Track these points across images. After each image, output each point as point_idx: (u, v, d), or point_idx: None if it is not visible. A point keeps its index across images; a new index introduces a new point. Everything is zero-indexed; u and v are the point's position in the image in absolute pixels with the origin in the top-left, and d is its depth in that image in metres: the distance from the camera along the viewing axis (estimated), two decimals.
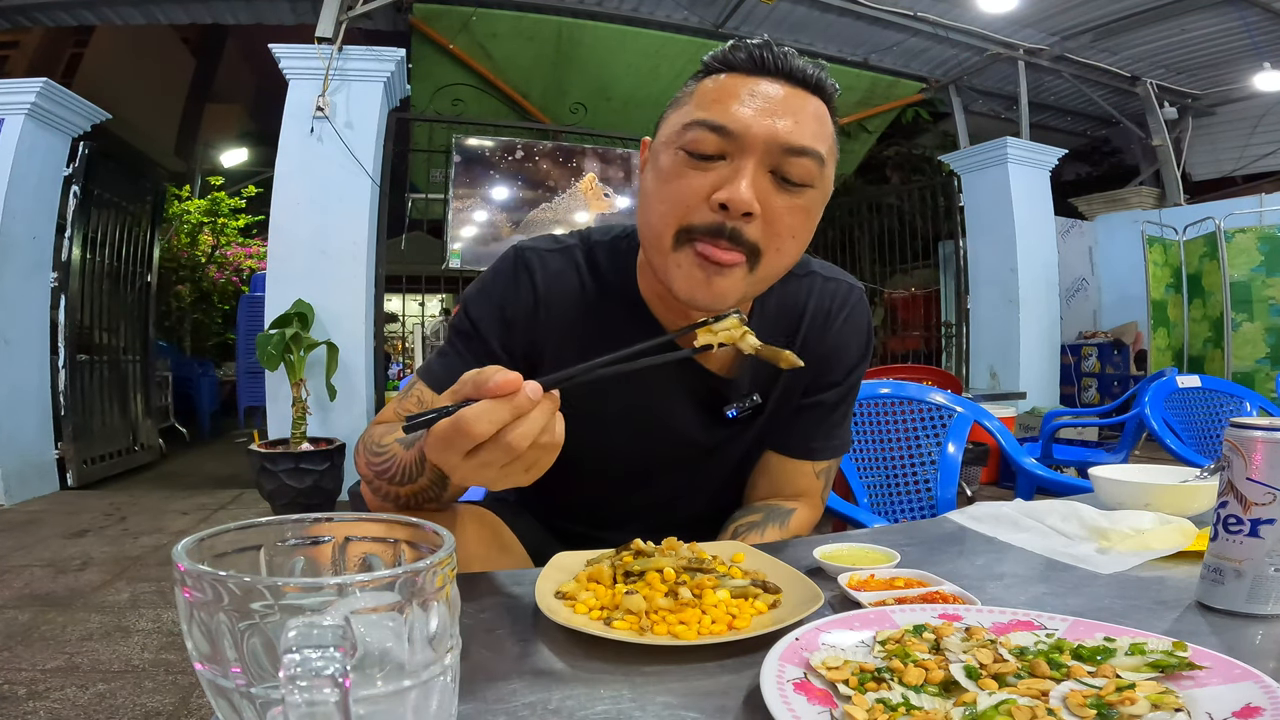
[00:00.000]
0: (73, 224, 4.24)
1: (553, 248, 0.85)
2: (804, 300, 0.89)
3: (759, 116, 0.69)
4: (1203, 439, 2.20)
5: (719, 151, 0.70)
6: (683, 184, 0.71)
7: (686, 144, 0.71)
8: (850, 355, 0.92)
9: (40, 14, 5.04)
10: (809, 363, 0.87)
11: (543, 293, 0.82)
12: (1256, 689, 0.43)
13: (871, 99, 6.24)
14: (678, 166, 0.71)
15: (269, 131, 4.72)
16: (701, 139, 0.70)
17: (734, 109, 0.70)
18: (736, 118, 0.69)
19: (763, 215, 0.71)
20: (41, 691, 1.79)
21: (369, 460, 0.76)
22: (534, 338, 0.83)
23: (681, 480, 0.93)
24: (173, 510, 3.80)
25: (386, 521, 0.41)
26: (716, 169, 0.70)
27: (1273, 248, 5.11)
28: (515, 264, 0.84)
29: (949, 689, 0.46)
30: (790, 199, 0.71)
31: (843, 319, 0.90)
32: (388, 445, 0.75)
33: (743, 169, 0.69)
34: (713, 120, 0.70)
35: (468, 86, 5.46)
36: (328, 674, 0.28)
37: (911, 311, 7.17)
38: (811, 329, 0.89)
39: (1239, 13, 5.15)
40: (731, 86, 0.71)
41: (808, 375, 0.89)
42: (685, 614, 0.57)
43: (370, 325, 4.24)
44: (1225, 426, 0.64)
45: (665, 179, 0.72)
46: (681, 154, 0.71)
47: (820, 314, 0.89)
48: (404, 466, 0.72)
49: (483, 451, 0.53)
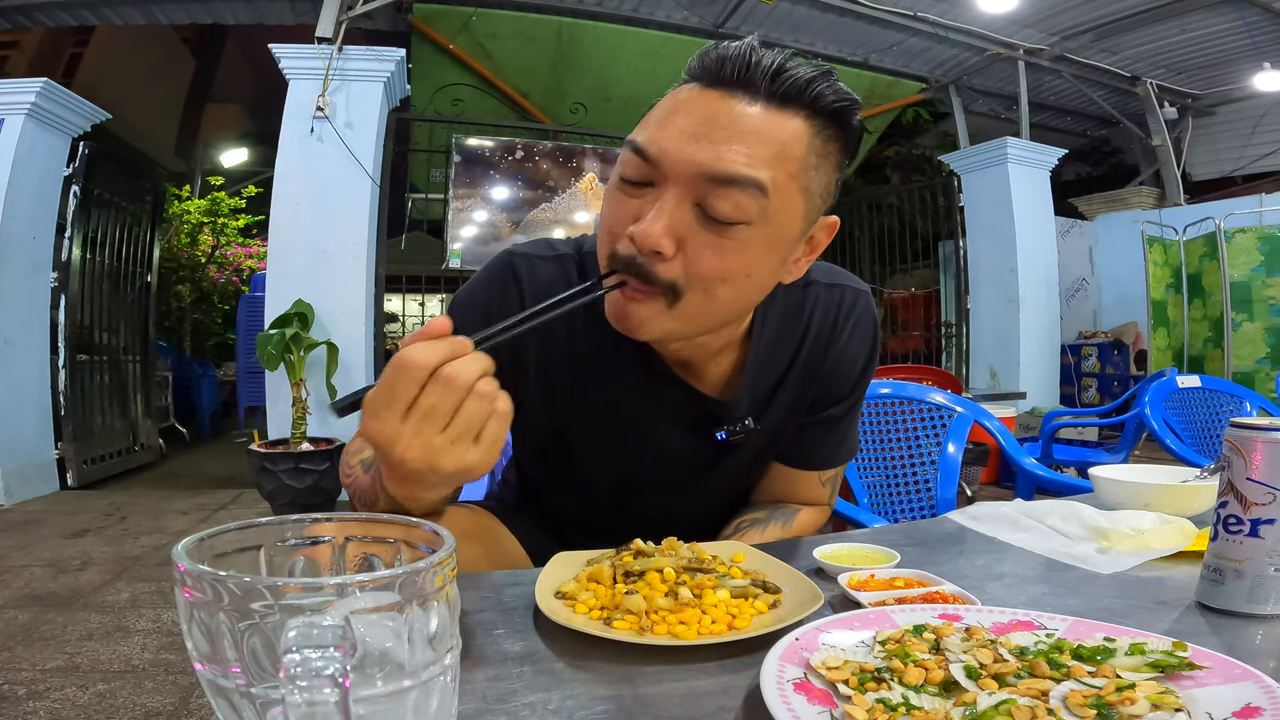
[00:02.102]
0: (73, 224, 4.24)
1: (546, 255, 0.82)
2: (807, 313, 0.83)
3: (682, 140, 0.62)
4: (1203, 439, 2.20)
5: (645, 178, 0.64)
6: (611, 211, 0.66)
7: (620, 167, 0.66)
8: (857, 365, 0.87)
9: (40, 14, 5.04)
10: (815, 379, 0.84)
11: (530, 303, 0.76)
12: (1256, 689, 0.43)
13: (871, 99, 6.24)
14: (612, 190, 0.67)
15: (269, 131, 4.72)
16: (628, 162, 0.65)
17: (660, 131, 0.63)
18: (656, 141, 0.63)
19: (683, 253, 0.63)
20: (41, 691, 1.79)
21: (343, 476, 0.75)
22: (519, 346, 0.79)
23: (671, 497, 0.91)
24: (173, 510, 3.80)
25: (386, 522, 0.41)
26: (643, 197, 0.64)
27: (1273, 248, 5.11)
28: (503, 271, 0.81)
29: (949, 689, 0.46)
30: (715, 238, 0.63)
31: (849, 330, 0.85)
32: (354, 466, 0.72)
33: (660, 200, 0.62)
34: (635, 142, 0.64)
35: (468, 86, 5.46)
36: (328, 674, 0.28)
37: (911, 311, 7.17)
38: (816, 344, 0.84)
39: (1239, 13, 5.15)
40: (679, 101, 0.65)
41: (812, 392, 0.85)
42: (685, 614, 0.57)
43: (370, 325, 4.24)
44: (1225, 426, 0.64)
45: (606, 205, 0.68)
46: (618, 178, 0.66)
47: (825, 328, 0.84)
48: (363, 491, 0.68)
49: (424, 396, 0.50)
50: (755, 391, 0.82)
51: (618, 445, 0.85)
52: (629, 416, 0.82)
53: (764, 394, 0.83)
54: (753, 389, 0.82)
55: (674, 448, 0.84)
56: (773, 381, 0.83)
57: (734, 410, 0.81)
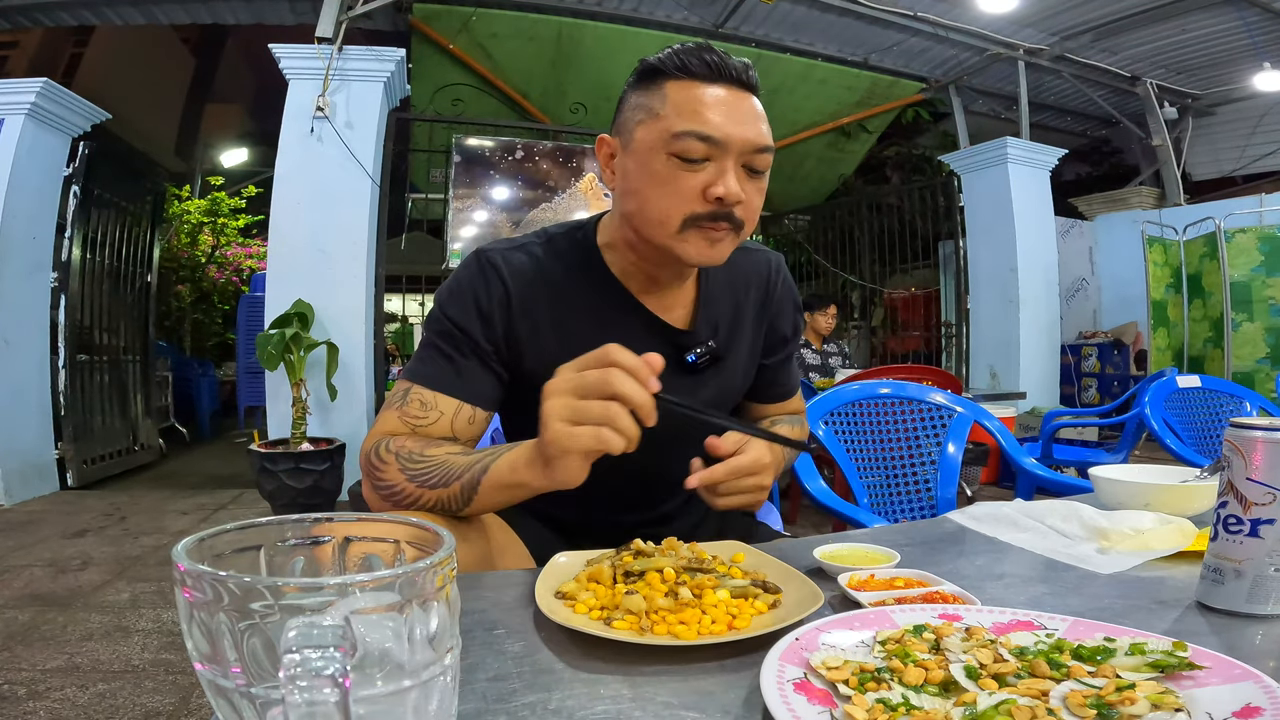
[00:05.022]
0: (73, 224, 4.24)
1: (511, 246, 0.97)
2: (743, 271, 1.05)
3: (734, 125, 0.85)
4: (1203, 439, 2.20)
5: (705, 155, 0.85)
6: (681, 184, 0.86)
7: (678, 150, 0.85)
8: (793, 304, 1.11)
9: (40, 14, 5.04)
10: (763, 321, 1.07)
11: (512, 285, 0.92)
12: (1256, 689, 0.43)
13: (871, 99, 6.24)
14: (672, 170, 0.85)
15: (269, 131, 4.71)
16: (692, 148, 0.84)
17: (714, 120, 0.84)
18: (720, 129, 0.84)
19: (745, 200, 0.87)
20: (41, 691, 1.79)
21: (402, 467, 0.81)
22: (509, 327, 0.92)
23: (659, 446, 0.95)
24: (173, 510, 3.81)
25: (387, 521, 0.41)
26: (705, 169, 0.85)
27: (1273, 248, 5.11)
28: (480, 264, 0.94)
29: (949, 689, 0.46)
30: (756, 184, 0.89)
31: (780, 283, 1.08)
32: (435, 455, 0.81)
33: (726, 169, 0.85)
34: (701, 131, 0.84)
35: (468, 86, 5.46)
36: (328, 674, 0.28)
37: (911, 311, 7.17)
38: (758, 293, 1.06)
39: (1239, 13, 5.15)
40: (701, 96, 0.85)
41: (763, 334, 1.07)
42: (685, 614, 0.57)
43: (370, 325, 4.24)
44: (1225, 426, 0.64)
45: (663, 180, 0.86)
46: (674, 159, 0.85)
47: (762, 281, 1.07)
48: (449, 471, 0.80)
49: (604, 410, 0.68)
50: (710, 323, 1.01)
51: None
52: None
53: (720, 331, 1.01)
54: (708, 320, 1.01)
55: None
56: (726, 322, 1.02)
57: (697, 335, 0.99)
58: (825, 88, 5.97)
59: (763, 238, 7.91)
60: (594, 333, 0.92)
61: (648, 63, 0.88)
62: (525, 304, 0.93)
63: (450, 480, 0.78)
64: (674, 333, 0.97)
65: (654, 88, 0.87)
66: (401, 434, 0.86)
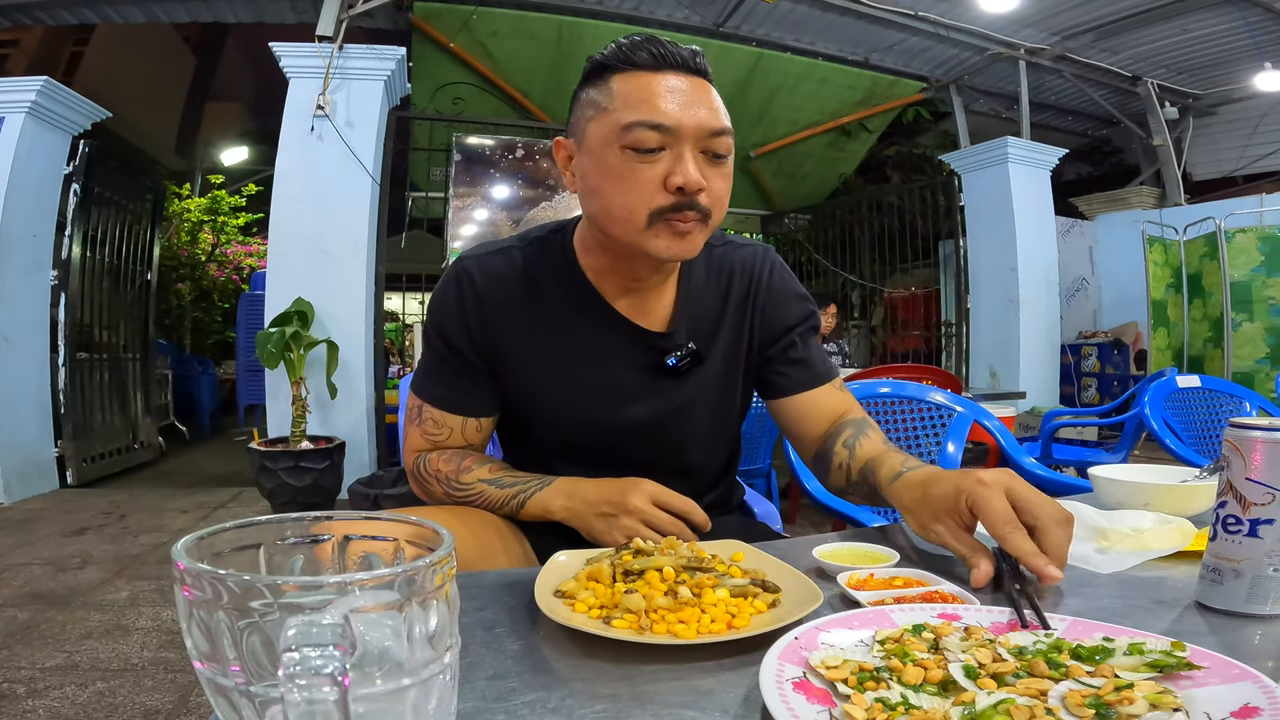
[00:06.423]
0: (73, 222, 4.25)
1: (490, 251, 0.97)
2: (728, 268, 1.02)
3: (685, 111, 0.83)
4: (1202, 439, 2.20)
5: (659, 145, 0.83)
6: (639, 176, 0.83)
7: (631, 143, 0.83)
8: (791, 294, 1.04)
9: (41, 12, 5.04)
10: (751, 316, 1.01)
11: (484, 292, 0.94)
12: (1255, 689, 0.43)
13: (872, 98, 6.24)
14: (628, 163, 0.83)
15: (269, 130, 4.71)
16: (644, 137, 0.82)
17: (664, 107, 0.82)
18: (670, 115, 0.82)
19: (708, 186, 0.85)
20: (41, 690, 1.79)
21: (447, 491, 0.93)
22: (487, 333, 0.94)
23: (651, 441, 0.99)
24: (172, 508, 3.81)
25: (386, 520, 0.41)
26: (660, 159, 0.83)
27: (1273, 248, 5.11)
28: (456, 275, 0.95)
29: (948, 688, 0.46)
30: (718, 169, 0.86)
31: (769, 272, 1.03)
32: (470, 484, 0.92)
33: (683, 156, 0.83)
34: (651, 120, 0.82)
35: (468, 85, 5.46)
36: (327, 672, 0.28)
37: (911, 311, 7.17)
38: (741, 289, 1.01)
39: (1239, 13, 5.15)
40: (650, 85, 0.83)
41: (755, 329, 1.01)
42: (685, 613, 0.57)
43: (370, 324, 4.24)
44: (1225, 426, 0.64)
45: (620, 175, 0.84)
46: (628, 152, 0.83)
47: (747, 276, 1.02)
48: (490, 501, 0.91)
49: (629, 525, 0.82)
50: (691, 324, 0.98)
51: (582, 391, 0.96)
52: (591, 365, 0.96)
53: (702, 332, 0.98)
54: (689, 322, 0.98)
55: (634, 384, 0.97)
56: (708, 322, 0.99)
57: (676, 338, 0.97)
58: (826, 87, 5.96)
59: (763, 236, 7.92)
60: (566, 341, 0.96)
61: (595, 59, 0.87)
62: (499, 311, 0.94)
63: (488, 508, 0.90)
64: (650, 336, 0.96)
65: (601, 83, 0.86)
66: (427, 449, 0.98)
